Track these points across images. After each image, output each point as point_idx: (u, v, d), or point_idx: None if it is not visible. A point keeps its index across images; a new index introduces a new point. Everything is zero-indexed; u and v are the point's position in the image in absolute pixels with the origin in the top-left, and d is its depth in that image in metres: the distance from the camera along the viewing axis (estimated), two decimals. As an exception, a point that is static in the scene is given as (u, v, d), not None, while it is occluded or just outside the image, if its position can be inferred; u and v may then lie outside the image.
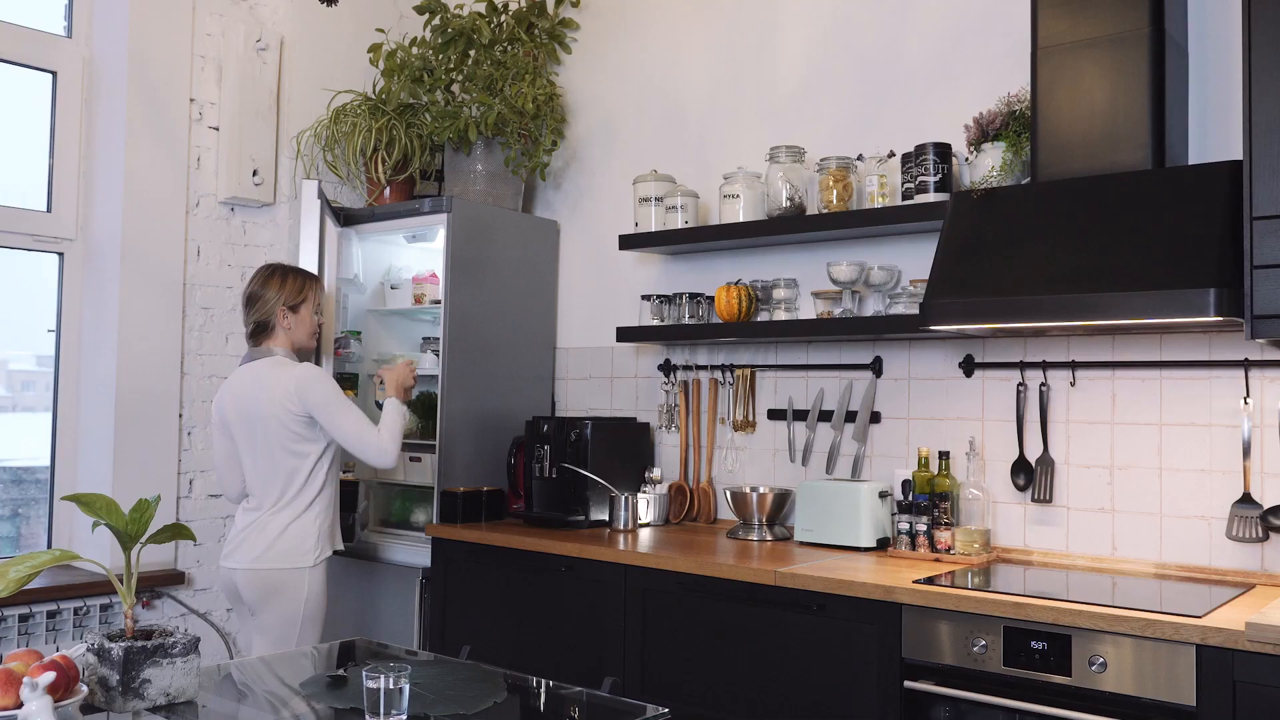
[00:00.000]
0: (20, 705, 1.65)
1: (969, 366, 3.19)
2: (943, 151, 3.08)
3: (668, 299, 3.67)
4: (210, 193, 3.77)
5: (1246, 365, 2.74)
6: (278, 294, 3.11)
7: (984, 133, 3.02)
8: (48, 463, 3.57)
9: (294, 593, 2.97)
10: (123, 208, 3.53)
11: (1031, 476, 3.04)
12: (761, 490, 3.38)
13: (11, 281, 3.61)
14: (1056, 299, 2.58)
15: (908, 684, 2.55)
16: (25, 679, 1.63)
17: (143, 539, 1.93)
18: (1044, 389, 3.04)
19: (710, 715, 2.88)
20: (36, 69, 3.51)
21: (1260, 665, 2.13)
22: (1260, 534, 2.66)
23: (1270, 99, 2.40)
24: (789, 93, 3.63)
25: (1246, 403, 2.73)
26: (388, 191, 3.86)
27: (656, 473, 3.71)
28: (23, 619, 3.24)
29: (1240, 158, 2.50)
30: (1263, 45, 2.42)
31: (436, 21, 3.92)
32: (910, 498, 3.09)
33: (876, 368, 3.37)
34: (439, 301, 3.72)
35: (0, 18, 3.42)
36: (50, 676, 1.64)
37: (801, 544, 3.23)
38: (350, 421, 3.05)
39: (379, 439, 3.05)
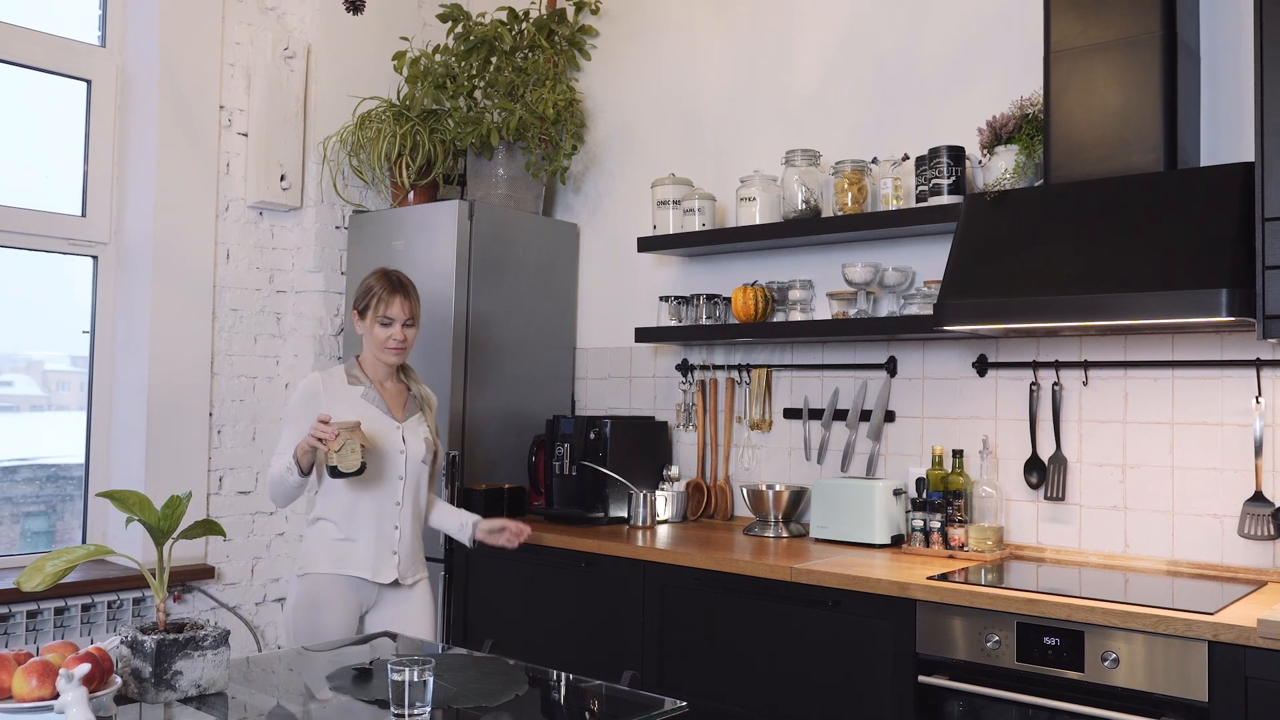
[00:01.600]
0: (57, 696, 1.67)
1: (982, 366, 3.17)
2: (956, 154, 3.06)
3: (685, 300, 3.67)
4: (239, 197, 3.79)
5: (1258, 365, 2.71)
6: (353, 296, 2.92)
7: (997, 136, 3.01)
8: (82, 460, 3.60)
9: (289, 597, 2.88)
10: (155, 212, 3.55)
11: (1044, 475, 3.02)
12: (778, 488, 3.38)
13: (47, 284, 3.64)
14: (1069, 299, 2.56)
15: (922, 679, 2.55)
16: (61, 670, 1.65)
17: (174, 535, 1.95)
18: (1057, 388, 3.02)
19: (727, 709, 2.87)
20: (72, 77, 3.54)
21: (1272, 662, 2.12)
22: (1272, 532, 2.64)
23: (1282, 101, 2.38)
24: (804, 97, 3.62)
25: (1258, 402, 2.70)
26: (412, 195, 3.87)
27: (674, 470, 3.71)
28: (58, 612, 3.27)
29: (1252, 159, 2.48)
30: (1274, 48, 2.40)
31: (459, 29, 3.93)
32: (924, 495, 3.07)
33: (891, 367, 3.36)
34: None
35: (37, 28, 3.45)
36: (85, 668, 1.65)
37: (817, 541, 3.23)
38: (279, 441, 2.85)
39: (268, 470, 2.83)
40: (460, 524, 2.99)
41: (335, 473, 2.61)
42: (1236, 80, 2.80)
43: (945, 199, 3.05)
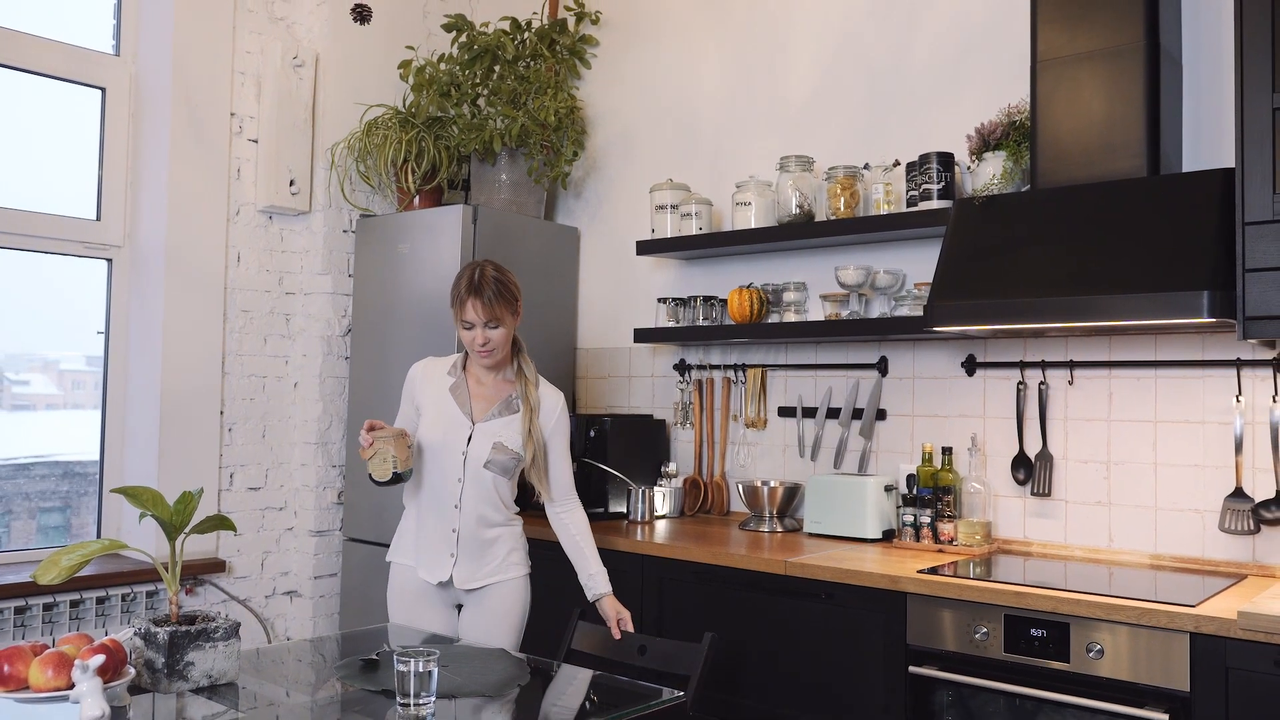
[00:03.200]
0: (72, 686, 1.67)
1: (971, 366, 3.18)
2: (946, 160, 3.07)
3: (683, 302, 3.67)
4: (249, 202, 3.79)
5: (1239, 365, 2.72)
6: None
7: (985, 142, 3.01)
8: (97, 457, 3.60)
9: None
10: (167, 216, 3.55)
11: (1031, 471, 3.02)
12: (772, 484, 3.38)
13: (63, 286, 3.64)
14: (1055, 301, 2.57)
15: (912, 669, 2.55)
16: (77, 661, 1.65)
17: (186, 529, 1.95)
18: (1043, 387, 3.03)
19: (723, 699, 2.87)
20: (87, 85, 3.54)
21: (1252, 653, 2.12)
22: (1252, 526, 2.64)
23: (1261, 108, 2.38)
24: (799, 104, 3.62)
25: (1239, 400, 2.70)
26: (417, 200, 3.87)
27: (672, 467, 3.71)
28: (74, 605, 3.27)
29: (1232, 165, 2.48)
30: (1254, 57, 2.40)
31: (463, 39, 3.93)
32: (915, 491, 3.07)
33: (882, 367, 3.36)
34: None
35: (54, 38, 3.45)
36: (100, 659, 1.65)
37: (810, 535, 3.23)
38: None
39: None
40: (585, 582, 2.71)
41: (371, 479, 2.58)
42: (1217, 88, 2.80)
43: (935, 204, 3.05)
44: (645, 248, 3.71)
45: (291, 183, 3.81)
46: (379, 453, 2.54)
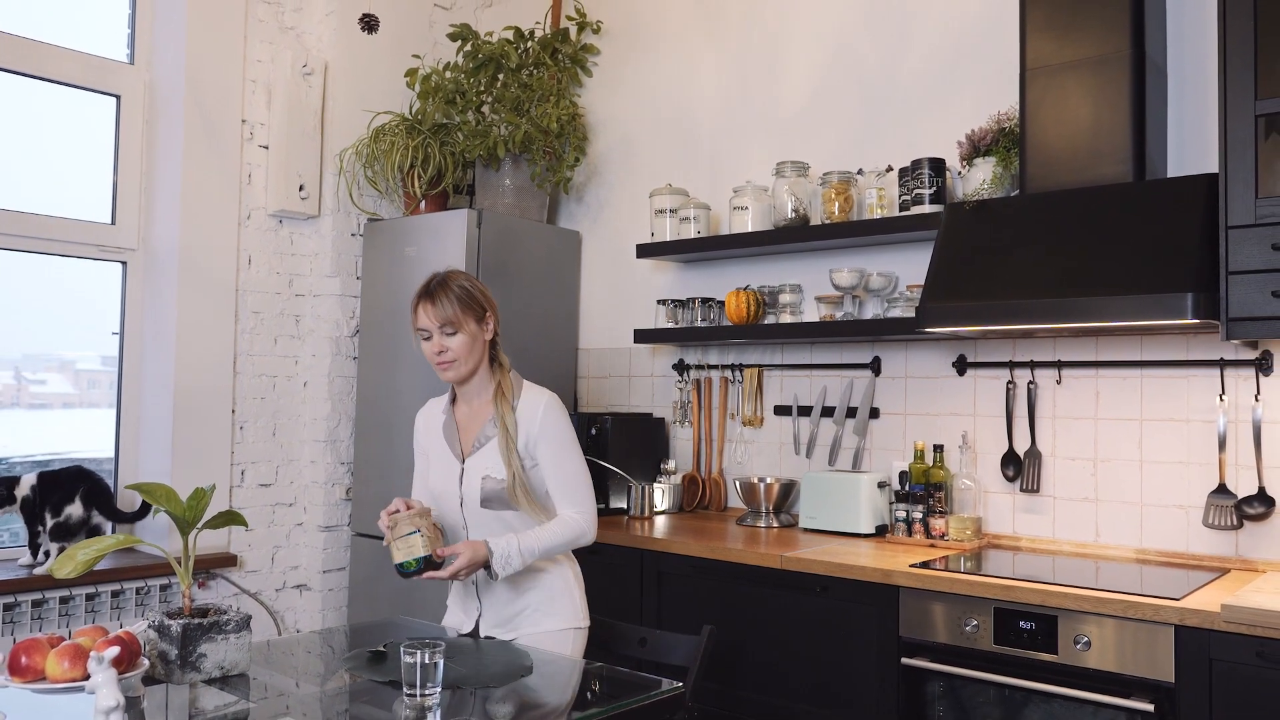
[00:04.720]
0: (88, 677, 1.67)
1: (962, 366, 3.18)
2: (937, 166, 3.07)
3: (681, 303, 3.67)
4: (260, 206, 3.79)
5: (1222, 364, 2.72)
6: None
7: (976, 148, 3.01)
8: (112, 454, 3.60)
9: None
10: (180, 220, 3.55)
11: (1020, 468, 3.03)
12: (769, 480, 3.38)
13: (79, 288, 3.64)
14: (1044, 303, 2.57)
15: (905, 661, 2.55)
16: (92, 653, 1.65)
17: (199, 525, 1.95)
18: (1032, 386, 3.03)
19: (721, 690, 2.87)
20: (102, 93, 3.54)
21: (1235, 644, 2.12)
22: (1234, 522, 2.64)
23: (1244, 115, 2.39)
24: (794, 111, 3.62)
25: (1222, 399, 2.71)
26: (423, 204, 3.87)
27: (671, 464, 3.71)
28: (89, 598, 3.27)
29: (1215, 170, 2.48)
30: (1237, 65, 2.40)
31: (468, 48, 3.93)
32: (907, 488, 3.07)
33: (875, 367, 3.36)
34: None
35: (70, 47, 3.45)
36: (114, 651, 1.65)
37: (805, 530, 3.23)
38: None
39: None
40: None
41: (399, 570, 2.15)
42: (1201, 95, 2.80)
43: (927, 208, 3.05)
44: (645, 251, 3.71)
45: (301, 188, 3.82)
46: (412, 533, 2.11)
